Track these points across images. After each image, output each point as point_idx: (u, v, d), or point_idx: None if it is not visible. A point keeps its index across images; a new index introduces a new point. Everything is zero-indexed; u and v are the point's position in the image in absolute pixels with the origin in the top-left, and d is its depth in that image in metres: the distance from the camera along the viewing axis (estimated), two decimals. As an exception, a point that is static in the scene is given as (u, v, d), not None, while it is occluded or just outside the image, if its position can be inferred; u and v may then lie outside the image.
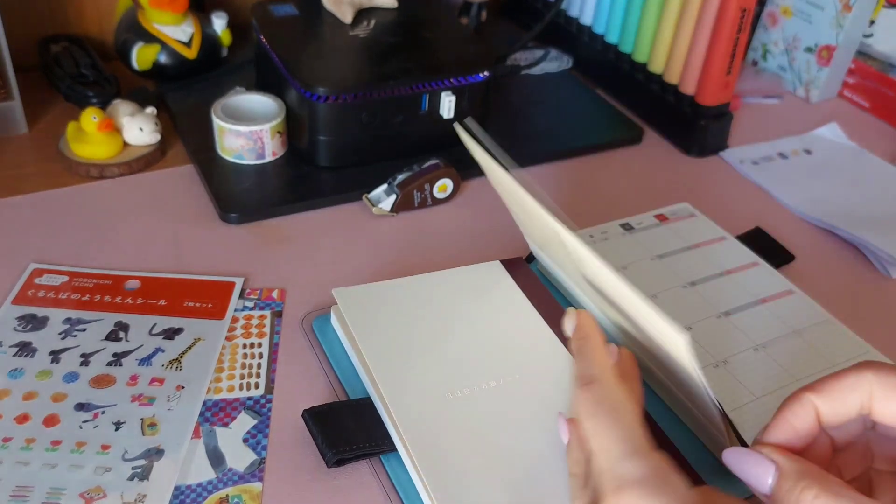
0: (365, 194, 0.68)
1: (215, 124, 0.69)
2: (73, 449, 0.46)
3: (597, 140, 0.80)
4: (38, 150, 0.71)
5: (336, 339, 0.54)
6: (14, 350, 0.52)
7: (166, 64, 0.77)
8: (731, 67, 0.75)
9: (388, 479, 0.46)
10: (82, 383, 0.50)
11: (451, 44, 0.75)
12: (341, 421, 0.48)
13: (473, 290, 0.56)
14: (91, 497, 0.44)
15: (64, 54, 0.79)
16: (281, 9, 0.76)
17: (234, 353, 0.53)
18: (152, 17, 0.76)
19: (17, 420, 0.47)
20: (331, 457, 0.45)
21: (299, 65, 0.68)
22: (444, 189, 0.68)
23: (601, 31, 0.88)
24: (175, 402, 0.49)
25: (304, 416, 0.48)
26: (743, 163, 0.79)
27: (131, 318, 0.55)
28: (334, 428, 0.47)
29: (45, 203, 0.65)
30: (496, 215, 0.69)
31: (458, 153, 0.73)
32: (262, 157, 0.70)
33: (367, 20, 0.76)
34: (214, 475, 0.46)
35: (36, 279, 0.57)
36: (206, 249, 0.62)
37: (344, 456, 0.46)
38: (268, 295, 0.58)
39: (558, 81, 0.89)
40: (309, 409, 0.48)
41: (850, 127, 0.87)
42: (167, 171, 0.70)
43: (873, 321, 0.60)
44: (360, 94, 0.67)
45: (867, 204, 0.74)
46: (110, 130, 0.68)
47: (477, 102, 0.73)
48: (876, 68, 0.91)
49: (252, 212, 0.65)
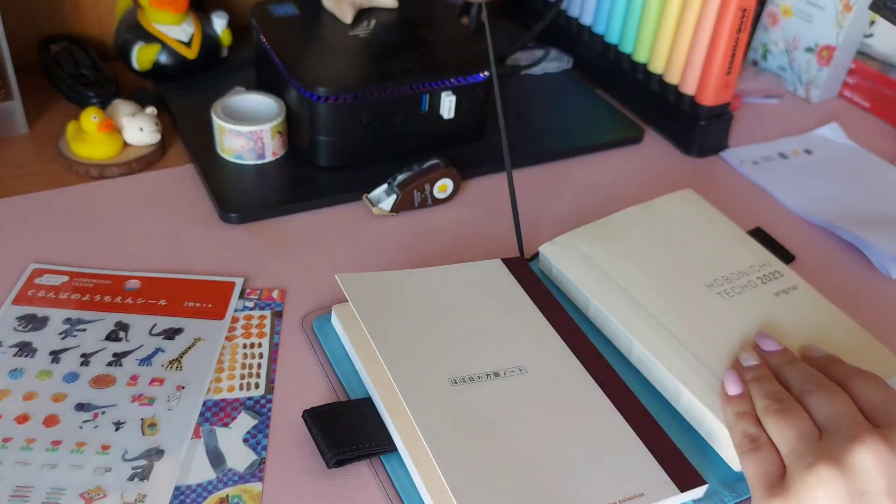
0: (365, 194, 0.68)
1: (215, 124, 0.69)
2: (74, 449, 0.46)
3: (597, 140, 0.80)
4: (38, 150, 0.71)
5: (336, 339, 0.54)
6: (14, 350, 0.52)
7: (166, 64, 0.77)
8: (731, 67, 0.75)
9: (389, 479, 0.46)
10: (82, 383, 0.50)
11: (451, 44, 0.75)
12: (342, 421, 0.48)
13: (476, 285, 0.56)
14: (91, 497, 0.44)
15: (64, 54, 0.79)
16: (281, 9, 0.76)
17: (234, 353, 0.53)
18: (152, 17, 0.76)
19: (18, 420, 0.47)
20: (331, 457, 0.45)
21: (299, 65, 0.68)
22: (444, 189, 0.68)
23: (601, 31, 0.88)
24: (175, 403, 0.49)
25: (305, 417, 0.48)
26: (743, 163, 0.79)
27: (131, 318, 0.55)
28: (335, 428, 0.47)
29: (45, 203, 0.65)
30: (496, 215, 0.69)
31: (458, 153, 0.73)
32: (263, 157, 0.70)
33: (367, 20, 0.76)
34: (214, 475, 0.46)
35: (36, 279, 0.57)
36: (206, 249, 0.62)
37: (344, 456, 0.46)
38: (268, 295, 0.58)
39: (558, 81, 0.89)
40: (309, 410, 0.48)
41: (850, 127, 0.87)
42: (167, 171, 0.70)
43: (873, 321, 0.60)
44: (360, 94, 0.67)
45: (867, 204, 0.74)
46: (110, 130, 0.68)
47: (477, 102, 0.73)
48: (876, 68, 0.91)
49: (252, 212, 0.65)
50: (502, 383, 0.49)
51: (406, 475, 0.46)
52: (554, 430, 0.46)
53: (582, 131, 0.81)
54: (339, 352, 0.54)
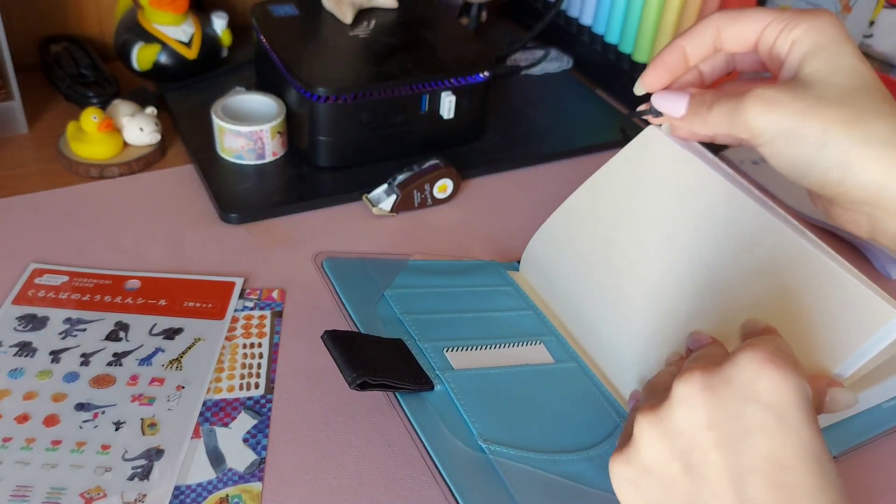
0: (365, 194, 0.68)
1: (215, 124, 0.69)
2: (74, 449, 0.46)
3: (597, 140, 0.80)
4: (38, 150, 0.71)
5: (351, 276, 0.57)
6: (14, 350, 0.52)
7: (166, 64, 0.77)
8: (731, 67, 0.75)
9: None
10: (82, 383, 0.50)
11: (451, 44, 0.75)
12: (365, 349, 0.47)
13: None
14: (91, 497, 0.44)
15: (64, 54, 0.79)
16: (281, 9, 0.76)
17: (234, 353, 0.53)
18: (152, 17, 0.76)
19: (18, 420, 0.47)
20: (355, 378, 0.44)
21: (299, 65, 0.68)
22: (444, 189, 0.68)
23: (601, 32, 0.88)
24: (175, 402, 0.49)
25: (325, 338, 0.46)
26: (743, 163, 0.79)
27: (131, 318, 0.55)
28: (357, 354, 0.46)
29: (45, 203, 0.65)
30: (496, 215, 0.69)
31: (458, 153, 0.73)
32: (262, 157, 0.70)
33: (367, 20, 0.76)
34: (214, 475, 0.46)
35: (36, 279, 0.57)
36: (206, 249, 0.62)
37: (369, 379, 0.44)
38: (268, 295, 0.58)
39: (558, 81, 0.89)
40: (330, 332, 0.46)
41: (850, 127, 0.87)
42: (167, 171, 0.70)
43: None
44: (360, 94, 0.67)
45: (867, 204, 0.74)
46: (110, 130, 0.68)
47: (477, 102, 0.73)
48: (876, 68, 0.91)
49: (252, 212, 0.65)
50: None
51: (429, 422, 0.46)
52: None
53: (582, 131, 0.81)
54: (353, 294, 0.55)
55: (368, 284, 0.57)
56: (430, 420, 0.47)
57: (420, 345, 0.51)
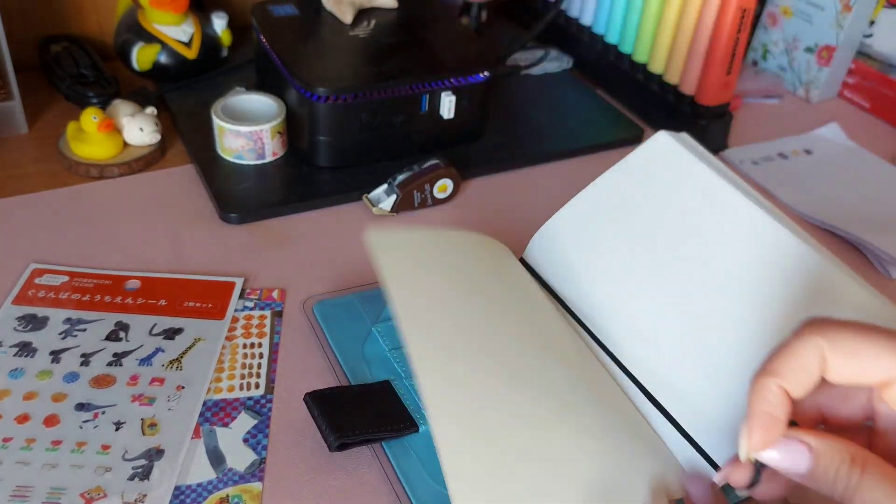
0: (365, 194, 0.68)
1: (215, 124, 0.69)
2: (74, 449, 0.46)
3: (597, 140, 0.80)
4: (38, 150, 0.71)
5: (339, 323, 0.54)
6: (14, 350, 0.52)
7: (166, 64, 0.77)
8: (731, 67, 0.75)
9: (387, 479, 0.46)
10: (82, 383, 0.50)
11: (451, 44, 0.75)
12: (344, 405, 0.47)
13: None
14: (91, 497, 0.44)
15: (64, 54, 0.79)
16: (281, 9, 0.76)
17: (235, 353, 0.53)
18: (152, 17, 0.76)
19: (18, 420, 0.47)
20: (333, 440, 0.45)
21: (299, 65, 0.68)
22: (444, 189, 0.68)
23: (601, 32, 0.88)
24: (175, 402, 0.49)
25: (306, 400, 0.47)
26: (743, 163, 0.79)
27: (131, 318, 0.55)
28: (338, 412, 0.46)
29: (45, 203, 0.65)
30: (496, 215, 0.69)
31: (458, 153, 0.73)
32: (262, 157, 0.70)
33: (367, 20, 0.76)
34: (214, 475, 0.46)
35: (36, 279, 0.57)
36: (206, 249, 0.62)
37: (347, 440, 0.45)
38: (268, 295, 0.58)
39: (558, 81, 0.89)
40: (311, 393, 0.47)
41: (850, 127, 0.87)
42: (167, 171, 0.70)
43: (873, 321, 0.60)
44: (360, 94, 0.67)
45: (867, 204, 0.74)
46: (110, 130, 0.68)
47: (477, 102, 0.73)
48: (876, 68, 0.91)
49: (252, 212, 0.65)
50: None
51: (411, 467, 0.46)
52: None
53: (582, 131, 0.81)
54: (342, 336, 0.53)
55: (357, 322, 0.55)
56: (410, 464, 0.46)
57: (406, 382, 0.50)
